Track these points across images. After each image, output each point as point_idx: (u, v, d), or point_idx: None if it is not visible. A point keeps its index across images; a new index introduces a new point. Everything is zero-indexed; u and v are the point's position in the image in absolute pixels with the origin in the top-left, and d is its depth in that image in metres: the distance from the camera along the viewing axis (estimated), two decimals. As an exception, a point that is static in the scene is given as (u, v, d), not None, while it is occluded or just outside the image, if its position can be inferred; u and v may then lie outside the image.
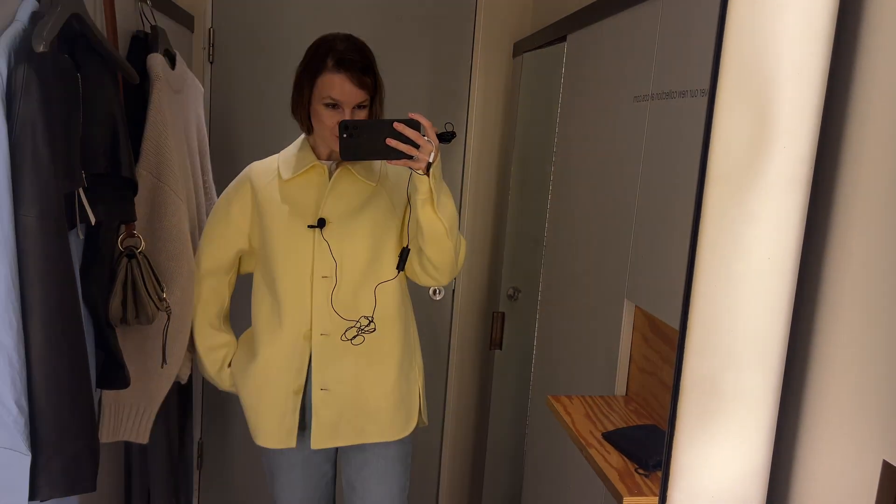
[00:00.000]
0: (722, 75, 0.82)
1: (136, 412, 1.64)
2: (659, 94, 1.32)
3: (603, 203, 1.59)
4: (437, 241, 1.51)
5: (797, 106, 0.81)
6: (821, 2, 0.79)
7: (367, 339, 1.62)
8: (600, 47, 1.67)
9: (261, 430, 1.66)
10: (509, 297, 2.45)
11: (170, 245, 1.61)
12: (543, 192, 2.07)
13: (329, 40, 1.54)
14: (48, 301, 1.11)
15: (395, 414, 1.67)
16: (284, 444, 1.65)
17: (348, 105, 1.51)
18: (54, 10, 1.14)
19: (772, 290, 0.83)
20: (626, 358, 1.45)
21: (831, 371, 0.82)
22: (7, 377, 1.06)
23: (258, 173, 1.65)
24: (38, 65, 1.08)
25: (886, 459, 0.72)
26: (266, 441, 1.66)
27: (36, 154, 1.07)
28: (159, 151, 1.57)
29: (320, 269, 1.58)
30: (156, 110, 1.57)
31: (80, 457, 1.19)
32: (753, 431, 0.86)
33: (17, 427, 1.09)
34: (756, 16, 0.80)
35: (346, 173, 1.61)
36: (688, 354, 0.86)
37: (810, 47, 0.80)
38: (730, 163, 0.82)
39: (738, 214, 0.82)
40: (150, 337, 1.60)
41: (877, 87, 0.77)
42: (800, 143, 0.81)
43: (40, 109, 1.07)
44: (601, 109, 1.64)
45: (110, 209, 1.37)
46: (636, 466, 1.15)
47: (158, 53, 1.64)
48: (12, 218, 1.05)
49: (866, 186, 0.78)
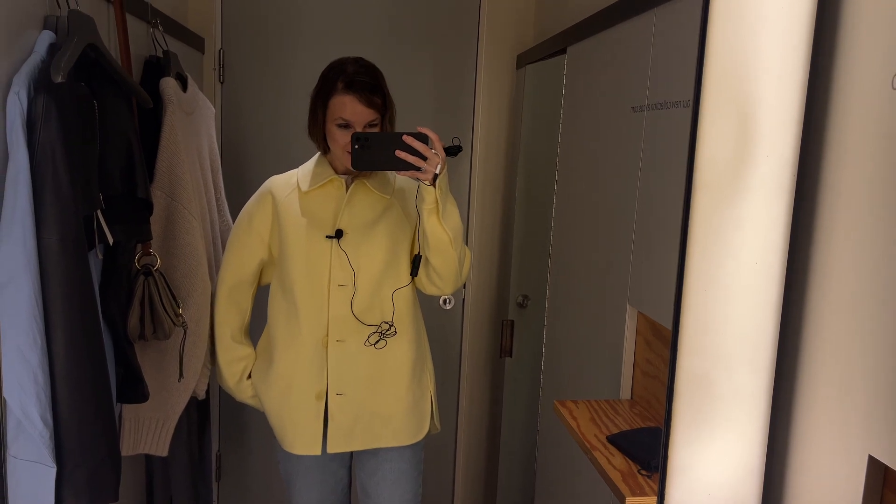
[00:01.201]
0: (705, 87, 0.86)
1: (156, 426, 1.69)
2: (654, 104, 1.35)
3: (604, 211, 1.63)
4: (441, 250, 1.56)
5: (778, 116, 0.84)
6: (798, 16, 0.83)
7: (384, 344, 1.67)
8: (598, 59, 1.71)
9: (288, 436, 1.71)
10: (519, 304, 2.49)
11: (184, 262, 1.66)
12: (548, 201, 2.11)
13: (340, 64, 1.61)
14: (70, 319, 1.15)
15: (408, 418, 1.72)
16: (310, 450, 1.69)
17: (359, 124, 1.57)
18: (71, 42, 1.19)
19: (760, 293, 0.87)
20: (630, 362, 1.49)
21: (820, 370, 0.85)
22: (32, 393, 1.11)
23: (278, 186, 1.72)
24: (57, 94, 1.13)
25: (872, 454, 0.75)
26: (293, 447, 1.70)
27: (56, 179, 1.12)
28: (172, 172, 1.63)
29: (337, 277, 1.64)
30: (169, 132, 1.62)
31: (102, 468, 1.23)
32: (747, 429, 0.89)
33: (42, 440, 1.14)
34: (736, 30, 0.84)
35: (362, 186, 1.67)
36: (681, 356, 0.89)
37: (789, 59, 0.83)
38: (715, 171, 0.86)
39: (725, 220, 0.86)
40: (168, 352, 1.66)
41: (854, 96, 0.81)
42: (782, 151, 0.85)
43: (59, 136, 1.12)
44: (600, 119, 1.68)
45: (127, 229, 1.42)
46: (639, 468, 1.18)
47: (170, 77, 1.70)
48: (35, 240, 1.10)
49: (848, 191, 0.81)
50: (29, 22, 1.19)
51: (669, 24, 1.31)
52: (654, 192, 1.35)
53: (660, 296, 1.30)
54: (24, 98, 1.10)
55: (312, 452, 1.69)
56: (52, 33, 1.21)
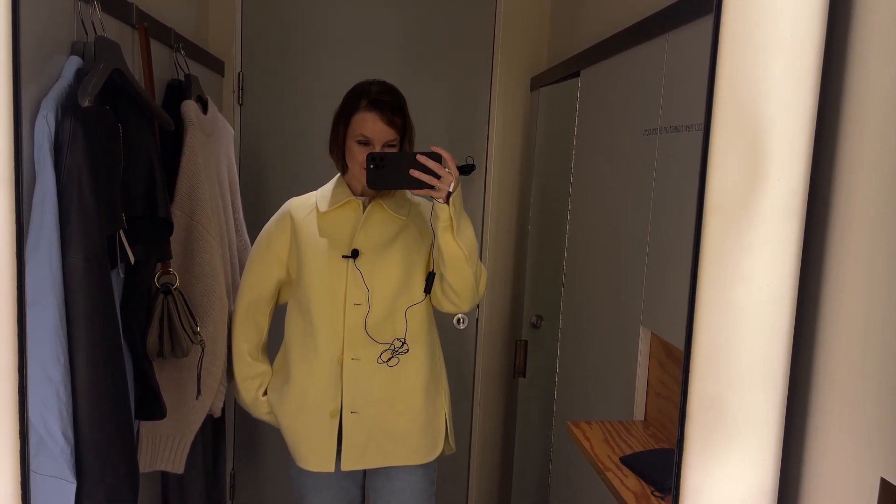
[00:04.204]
0: (715, 113, 0.88)
1: (173, 443, 1.71)
2: (667, 127, 1.37)
3: (617, 232, 1.64)
4: (457, 267, 1.58)
5: (789, 140, 0.86)
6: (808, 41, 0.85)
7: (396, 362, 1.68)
8: (611, 83, 1.73)
9: (301, 452, 1.72)
10: (533, 325, 2.49)
11: (203, 281, 1.69)
12: (562, 222, 2.12)
13: (364, 84, 1.67)
14: (93, 337, 1.18)
15: (421, 437, 1.73)
16: (323, 467, 1.70)
17: (378, 142, 1.61)
18: (98, 67, 1.23)
19: (771, 316, 0.87)
20: (644, 383, 1.49)
21: (831, 393, 0.85)
22: (55, 409, 1.14)
23: (297, 207, 1.75)
24: (83, 118, 1.17)
25: (884, 477, 0.75)
26: (306, 464, 1.72)
27: (82, 200, 1.16)
28: (192, 192, 1.66)
29: (353, 296, 1.66)
30: (189, 154, 1.66)
31: (121, 484, 1.25)
32: (760, 451, 0.89)
33: (63, 456, 1.16)
34: (745, 56, 0.86)
35: (378, 208, 1.70)
36: (693, 378, 0.90)
37: (799, 84, 0.85)
38: (726, 195, 0.87)
39: (737, 244, 0.87)
40: (185, 370, 1.68)
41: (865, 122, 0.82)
42: (793, 175, 0.86)
43: (85, 159, 1.16)
44: (614, 142, 1.69)
45: (148, 249, 1.45)
46: (652, 489, 1.18)
47: (191, 100, 1.74)
48: (60, 260, 1.13)
49: (858, 215, 0.82)
50: (57, 48, 1.23)
51: (681, 48, 1.33)
52: (668, 213, 1.36)
53: (673, 317, 1.31)
54: (51, 121, 1.14)
55: (325, 469, 1.71)
56: (80, 59, 1.25)
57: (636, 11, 1.56)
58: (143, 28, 1.59)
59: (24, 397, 0.87)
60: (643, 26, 1.49)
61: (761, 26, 0.84)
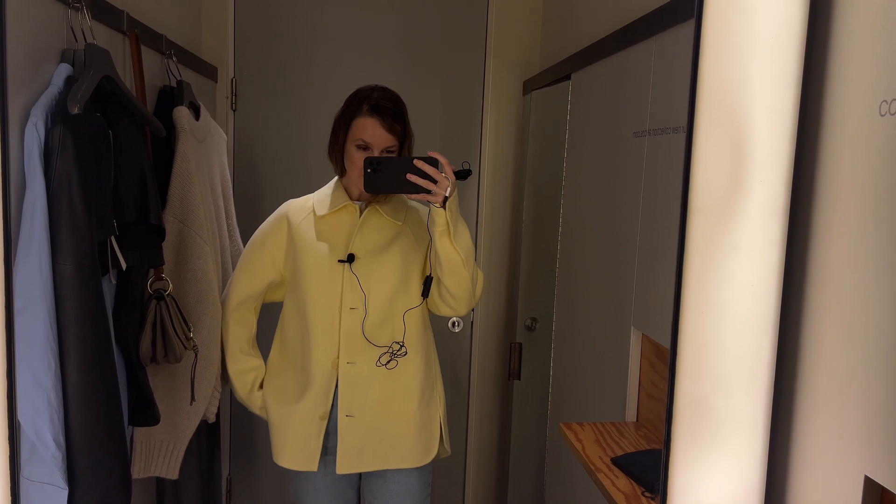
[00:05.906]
0: (698, 115, 0.88)
1: (167, 448, 1.71)
2: (655, 129, 1.38)
3: (608, 235, 1.65)
4: (454, 271, 1.59)
5: (771, 141, 0.86)
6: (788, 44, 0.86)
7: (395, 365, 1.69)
8: (601, 85, 1.74)
9: (284, 451, 1.73)
10: (527, 327, 2.50)
11: (196, 287, 1.70)
12: (555, 224, 2.13)
13: (366, 90, 1.68)
14: (84, 343, 1.18)
15: (416, 441, 1.73)
16: (305, 466, 1.71)
17: (377, 148, 1.62)
18: (87, 74, 1.24)
19: (756, 316, 0.88)
20: (636, 384, 1.49)
21: (816, 392, 0.86)
22: (46, 415, 1.14)
23: (294, 210, 1.76)
24: (73, 125, 1.17)
25: (868, 475, 0.76)
26: (287, 462, 1.73)
27: (72, 207, 1.16)
28: (185, 198, 1.66)
29: (349, 300, 1.67)
30: (181, 160, 1.67)
31: (113, 490, 1.25)
32: (746, 451, 0.90)
33: (55, 462, 1.16)
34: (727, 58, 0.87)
35: (375, 213, 1.70)
36: (679, 379, 0.91)
37: (780, 86, 0.86)
38: (709, 197, 0.88)
39: (720, 245, 0.88)
40: (179, 375, 1.68)
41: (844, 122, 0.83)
42: (775, 176, 0.87)
43: (75, 165, 1.16)
44: (604, 144, 1.70)
45: (140, 255, 1.45)
46: (643, 490, 1.18)
47: (183, 106, 1.75)
48: (51, 266, 1.14)
49: (841, 214, 0.83)
50: (47, 55, 1.24)
51: (669, 51, 1.34)
52: (657, 215, 1.37)
53: (663, 318, 1.32)
54: (41, 129, 1.14)
55: (307, 469, 1.71)
56: (70, 66, 1.26)
57: (625, 15, 1.57)
58: (133, 35, 1.60)
59: (12, 403, 0.87)
60: (631, 30, 1.50)
61: (742, 28, 0.85)
